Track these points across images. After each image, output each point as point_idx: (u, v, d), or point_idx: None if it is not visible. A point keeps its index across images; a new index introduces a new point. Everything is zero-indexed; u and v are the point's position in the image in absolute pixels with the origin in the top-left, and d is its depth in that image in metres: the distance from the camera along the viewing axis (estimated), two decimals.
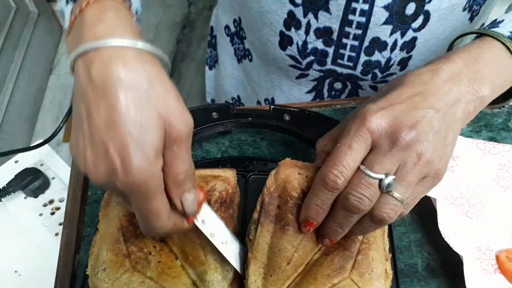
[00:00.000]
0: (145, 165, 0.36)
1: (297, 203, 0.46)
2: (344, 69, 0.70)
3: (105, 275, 0.44)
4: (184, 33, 2.29)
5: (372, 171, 0.40)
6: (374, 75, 0.70)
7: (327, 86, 0.74)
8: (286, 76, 0.76)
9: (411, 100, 0.41)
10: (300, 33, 0.67)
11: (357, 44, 0.66)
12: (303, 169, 0.48)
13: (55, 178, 0.89)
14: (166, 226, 0.40)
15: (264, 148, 0.63)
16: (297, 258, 0.44)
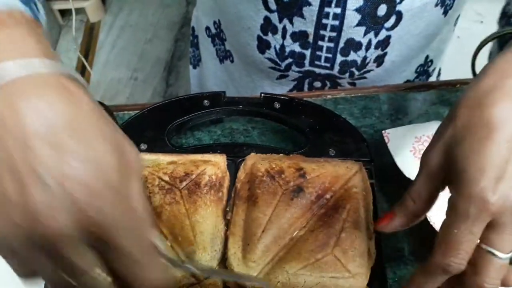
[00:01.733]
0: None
1: (262, 179, 0.50)
2: (322, 70, 0.71)
3: None
4: (182, 32, 2.30)
5: (504, 252, 0.37)
6: (352, 73, 0.71)
7: (307, 85, 0.76)
8: (267, 77, 0.77)
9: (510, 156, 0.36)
10: (277, 37, 0.68)
11: (332, 45, 0.67)
12: (268, 158, 0.52)
13: None
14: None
15: (255, 137, 0.64)
16: (273, 227, 0.47)
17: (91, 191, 0.28)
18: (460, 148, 0.38)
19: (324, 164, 0.52)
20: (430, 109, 0.66)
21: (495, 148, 0.36)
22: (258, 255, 0.46)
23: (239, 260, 0.46)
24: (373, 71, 0.71)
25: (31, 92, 0.29)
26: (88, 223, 0.28)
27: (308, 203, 0.49)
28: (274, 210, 0.48)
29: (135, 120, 0.58)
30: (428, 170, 0.41)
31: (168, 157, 0.53)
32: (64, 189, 0.27)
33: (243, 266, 0.46)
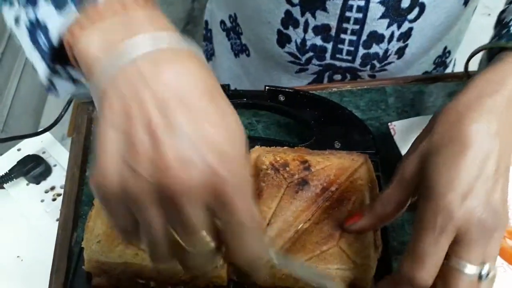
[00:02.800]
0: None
1: (267, 172, 0.50)
2: (343, 63, 0.70)
3: (100, 247, 0.45)
4: (187, 29, 2.30)
5: (472, 264, 0.37)
6: (373, 66, 0.71)
7: (327, 78, 0.75)
8: (285, 71, 0.77)
9: (484, 174, 0.38)
10: (298, 31, 0.67)
11: (355, 38, 0.66)
12: (272, 151, 0.52)
13: (56, 165, 0.90)
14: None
15: (260, 130, 0.64)
16: (278, 220, 0.46)
17: (224, 155, 0.30)
18: (433, 161, 0.39)
19: (329, 156, 0.52)
20: (436, 102, 0.65)
21: (467, 164, 0.37)
22: None
23: None
24: (393, 63, 0.71)
25: (172, 59, 0.31)
26: (216, 183, 0.29)
27: (313, 196, 0.48)
28: (279, 203, 0.48)
29: None
30: (401, 178, 0.42)
31: None
32: (199, 148, 0.29)
33: None
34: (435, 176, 0.38)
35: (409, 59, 0.71)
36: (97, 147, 0.30)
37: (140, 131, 0.29)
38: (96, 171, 0.30)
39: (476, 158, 0.38)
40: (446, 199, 0.37)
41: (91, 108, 0.66)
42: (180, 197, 0.29)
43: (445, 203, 0.37)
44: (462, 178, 0.37)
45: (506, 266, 0.51)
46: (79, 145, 0.63)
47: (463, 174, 0.37)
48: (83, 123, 0.65)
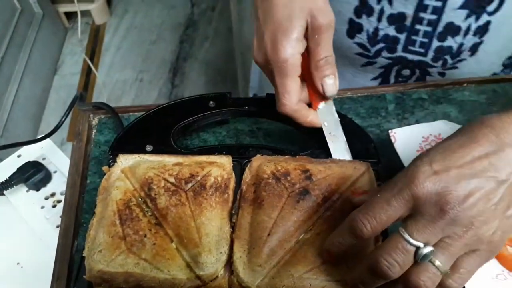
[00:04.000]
0: (287, 46, 0.49)
1: (268, 181, 0.50)
2: (415, 56, 0.69)
3: (101, 257, 0.45)
4: (187, 34, 2.31)
5: (411, 237, 0.37)
6: (445, 62, 0.69)
7: (395, 73, 0.74)
8: (351, 64, 0.76)
9: (472, 165, 0.38)
10: (372, 20, 0.66)
11: (430, 29, 0.65)
12: (274, 160, 0.52)
13: (56, 171, 0.90)
14: (292, 106, 0.52)
15: (261, 137, 0.64)
16: (279, 230, 0.46)
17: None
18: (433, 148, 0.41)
19: (330, 165, 0.52)
20: (437, 108, 0.65)
21: (456, 150, 0.39)
22: (264, 259, 0.45)
23: (244, 264, 0.46)
24: (465, 61, 0.69)
25: None
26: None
27: (315, 206, 0.48)
28: (280, 213, 0.47)
29: (141, 122, 0.58)
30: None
31: (173, 158, 0.53)
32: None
33: (249, 270, 0.45)
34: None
35: (481, 58, 0.69)
36: None
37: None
38: None
39: (470, 152, 0.38)
40: (417, 167, 0.38)
41: (91, 115, 0.66)
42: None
43: (414, 170, 0.38)
44: (445, 155, 0.38)
45: (507, 273, 0.51)
46: (79, 152, 0.62)
47: (449, 152, 0.38)
48: (84, 130, 0.64)
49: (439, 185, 0.37)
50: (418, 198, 0.37)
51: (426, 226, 0.37)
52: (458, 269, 0.39)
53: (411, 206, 0.38)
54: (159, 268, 0.45)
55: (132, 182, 0.51)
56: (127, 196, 0.49)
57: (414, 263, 0.38)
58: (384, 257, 0.38)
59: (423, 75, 0.73)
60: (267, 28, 0.51)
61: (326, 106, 0.55)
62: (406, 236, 0.37)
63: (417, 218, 0.37)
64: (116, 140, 0.57)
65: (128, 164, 0.53)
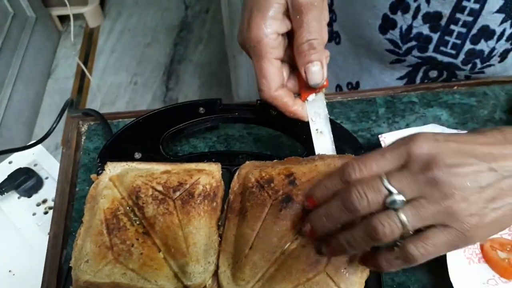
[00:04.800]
0: (261, 24, 0.46)
1: (252, 190, 0.48)
2: (445, 57, 0.68)
3: (88, 267, 0.45)
4: (181, 36, 2.30)
5: (388, 181, 0.37)
6: (474, 65, 0.69)
7: (422, 73, 0.73)
8: (379, 61, 0.75)
9: (472, 147, 0.38)
10: (407, 17, 0.65)
11: (464, 31, 0.64)
12: (261, 166, 0.50)
13: (48, 178, 0.90)
14: (270, 92, 0.48)
15: (251, 143, 0.64)
16: (261, 243, 0.45)
17: None
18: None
19: (317, 164, 0.49)
20: (427, 112, 0.65)
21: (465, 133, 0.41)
22: (247, 273, 0.44)
23: (228, 279, 0.45)
24: (493, 67, 0.69)
25: None
26: None
27: (299, 212, 0.45)
28: (262, 224, 0.46)
29: (130, 129, 0.58)
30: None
31: (162, 166, 0.53)
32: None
33: (233, 285, 0.44)
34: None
35: (509, 65, 0.69)
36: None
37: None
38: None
39: (475, 137, 0.39)
40: (421, 133, 0.39)
41: (81, 122, 0.66)
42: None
43: (419, 133, 0.39)
44: (453, 134, 0.39)
45: (498, 278, 0.51)
46: (69, 159, 0.62)
47: (456, 134, 0.39)
48: (73, 137, 0.64)
49: (435, 149, 0.38)
50: (411, 154, 0.38)
51: (406, 177, 0.37)
52: (423, 238, 0.38)
53: (402, 161, 0.38)
54: (146, 278, 0.44)
55: (120, 191, 0.50)
56: (115, 205, 0.49)
57: (382, 210, 0.38)
58: (357, 187, 0.38)
59: (449, 77, 0.72)
60: (246, 6, 0.49)
61: (315, 99, 0.51)
62: (383, 177, 0.37)
63: (402, 170, 0.38)
64: (104, 147, 0.57)
65: (116, 172, 0.52)
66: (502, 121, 0.64)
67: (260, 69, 0.48)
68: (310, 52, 0.47)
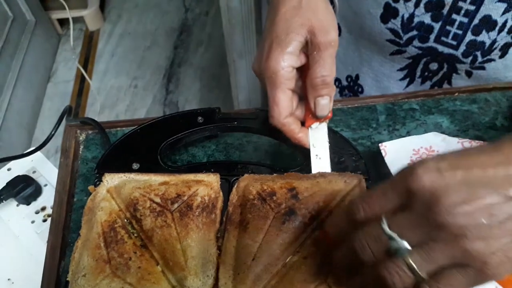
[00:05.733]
0: (279, 57, 0.49)
1: (253, 202, 0.48)
2: (446, 48, 0.68)
3: (85, 281, 0.44)
4: (181, 39, 2.30)
5: (389, 227, 0.35)
6: (475, 58, 0.69)
7: (422, 65, 0.73)
8: (379, 52, 0.75)
9: (484, 171, 0.34)
10: (409, 5, 0.66)
11: (466, 21, 0.64)
12: (261, 179, 0.51)
13: (47, 185, 0.89)
14: (279, 119, 0.51)
15: (251, 151, 0.63)
16: (264, 255, 0.45)
17: None
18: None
19: (318, 180, 0.50)
20: (428, 119, 0.65)
21: (472, 153, 0.36)
22: (249, 285, 0.44)
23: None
24: (494, 62, 0.69)
25: None
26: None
27: (301, 226, 0.46)
28: (265, 236, 0.46)
29: (127, 139, 0.57)
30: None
31: (160, 177, 0.52)
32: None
33: None
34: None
35: (510, 62, 0.69)
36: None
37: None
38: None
39: (484, 158, 0.35)
40: (423, 161, 0.35)
41: (79, 131, 0.65)
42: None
43: (419, 162, 0.35)
44: (458, 155, 0.35)
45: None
46: (66, 169, 0.62)
47: (462, 154, 0.35)
48: (71, 146, 0.64)
49: (438, 183, 0.34)
50: (411, 192, 0.34)
51: (407, 221, 0.35)
52: (439, 280, 0.34)
53: (404, 199, 0.35)
54: None
55: (118, 203, 0.50)
56: (112, 217, 0.48)
57: (389, 256, 0.35)
58: (359, 237, 0.37)
59: (450, 71, 0.72)
60: (267, 40, 0.52)
61: (318, 127, 0.55)
62: (383, 224, 0.35)
63: (404, 211, 0.35)
64: (102, 158, 0.56)
65: (114, 183, 0.52)
66: (504, 127, 0.64)
67: (273, 97, 0.51)
68: (322, 87, 0.50)
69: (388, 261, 0.35)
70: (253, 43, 1.36)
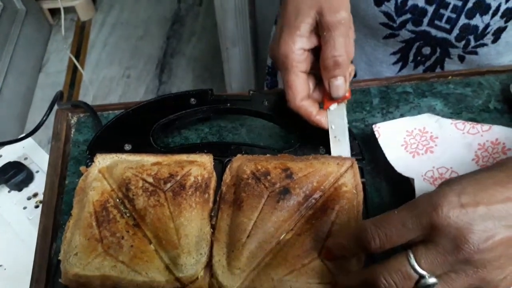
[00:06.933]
0: (289, 41, 0.49)
1: (248, 182, 0.48)
2: (439, 32, 0.68)
3: (77, 260, 0.44)
4: (174, 29, 2.28)
5: (418, 264, 0.36)
6: (467, 42, 0.68)
7: (415, 49, 0.73)
8: (372, 36, 0.75)
9: (503, 206, 0.36)
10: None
11: (460, 4, 0.64)
12: (254, 160, 0.51)
13: (39, 171, 0.88)
14: (295, 102, 0.51)
15: (244, 134, 0.63)
16: (259, 232, 0.45)
17: None
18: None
19: (312, 162, 0.50)
20: (422, 102, 0.65)
21: (490, 186, 0.37)
22: (243, 262, 0.44)
23: (223, 268, 0.44)
24: (486, 47, 0.69)
25: None
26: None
27: (295, 205, 0.47)
28: (260, 214, 0.46)
29: (119, 120, 0.57)
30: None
31: (152, 157, 0.52)
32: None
33: (228, 274, 0.44)
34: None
35: (502, 48, 0.69)
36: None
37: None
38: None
39: (502, 190, 0.36)
40: (445, 195, 0.36)
41: (70, 114, 0.65)
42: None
43: (439, 196, 0.36)
44: (476, 189, 0.36)
45: None
46: (58, 152, 0.61)
47: (480, 186, 0.36)
48: (62, 129, 0.63)
49: (463, 220, 0.35)
50: (437, 228, 0.35)
51: (436, 258, 0.36)
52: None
53: (426, 233, 0.36)
54: (137, 271, 0.44)
55: (110, 183, 0.49)
56: (104, 197, 0.48)
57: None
58: (384, 276, 0.36)
59: (442, 56, 0.72)
60: (279, 25, 0.52)
61: (337, 109, 0.54)
62: (412, 262, 0.36)
63: (429, 246, 0.36)
64: (94, 139, 0.56)
65: (106, 164, 0.51)
66: (497, 110, 0.64)
67: (287, 81, 0.51)
68: (335, 67, 0.49)
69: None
70: (246, 30, 1.35)
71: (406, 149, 0.57)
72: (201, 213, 0.48)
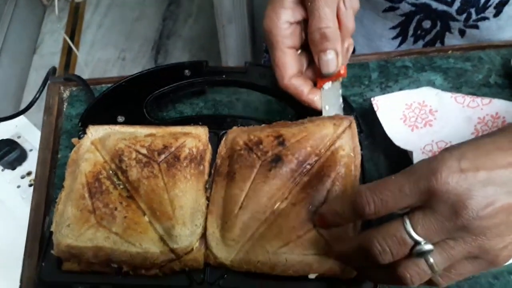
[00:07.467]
0: (272, 15, 0.46)
1: (240, 153, 0.47)
2: (440, 5, 0.66)
3: (69, 231, 0.43)
4: (170, 10, 2.25)
5: (414, 230, 0.34)
6: (469, 16, 0.66)
7: (415, 23, 0.71)
8: (371, 9, 0.72)
9: (504, 171, 0.34)
10: None
11: None
12: (249, 130, 0.49)
13: (32, 150, 0.88)
14: (283, 81, 0.48)
15: (240, 109, 0.62)
16: (251, 203, 0.44)
17: None
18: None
19: (306, 125, 0.48)
20: (421, 76, 0.64)
21: (491, 151, 0.35)
22: (237, 233, 0.43)
23: (217, 240, 0.44)
24: (487, 21, 0.67)
25: None
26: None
27: (288, 172, 0.45)
28: (251, 184, 0.45)
29: (112, 92, 0.55)
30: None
31: (146, 129, 0.51)
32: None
33: (222, 246, 0.43)
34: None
35: (503, 22, 0.67)
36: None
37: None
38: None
39: (505, 156, 0.35)
40: (444, 159, 0.34)
41: (62, 88, 0.63)
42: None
43: (439, 162, 0.34)
44: (477, 154, 0.35)
45: None
46: (50, 126, 0.60)
47: (481, 151, 0.35)
48: (54, 104, 0.62)
49: (462, 185, 0.34)
50: (435, 194, 0.34)
51: (433, 224, 0.34)
52: (450, 269, 0.36)
53: (424, 198, 0.35)
54: (130, 242, 0.43)
55: (103, 154, 0.48)
56: (97, 168, 0.47)
57: (407, 255, 0.35)
58: (378, 240, 0.35)
59: (443, 30, 0.70)
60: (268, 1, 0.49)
61: (331, 88, 0.50)
62: (408, 227, 0.34)
63: (427, 212, 0.35)
64: (86, 111, 0.54)
65: (98, 135, 0.50)
66: (497, 85, 0.63)
67: (273, 58, 0.48)
68: (322, 40, 0.45)
69: (409, 262, 0.35)
70: (243, 7, 1.33)
71: (405, 123, 0.56)
72: (196, 185, 0.47)
